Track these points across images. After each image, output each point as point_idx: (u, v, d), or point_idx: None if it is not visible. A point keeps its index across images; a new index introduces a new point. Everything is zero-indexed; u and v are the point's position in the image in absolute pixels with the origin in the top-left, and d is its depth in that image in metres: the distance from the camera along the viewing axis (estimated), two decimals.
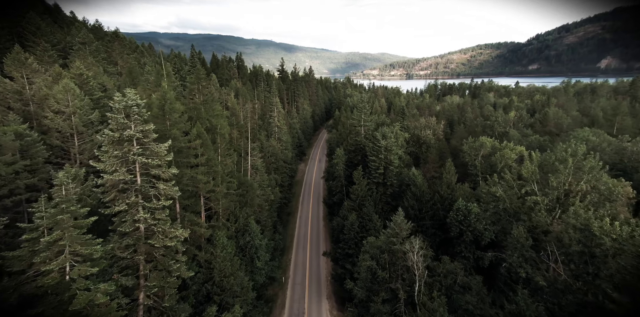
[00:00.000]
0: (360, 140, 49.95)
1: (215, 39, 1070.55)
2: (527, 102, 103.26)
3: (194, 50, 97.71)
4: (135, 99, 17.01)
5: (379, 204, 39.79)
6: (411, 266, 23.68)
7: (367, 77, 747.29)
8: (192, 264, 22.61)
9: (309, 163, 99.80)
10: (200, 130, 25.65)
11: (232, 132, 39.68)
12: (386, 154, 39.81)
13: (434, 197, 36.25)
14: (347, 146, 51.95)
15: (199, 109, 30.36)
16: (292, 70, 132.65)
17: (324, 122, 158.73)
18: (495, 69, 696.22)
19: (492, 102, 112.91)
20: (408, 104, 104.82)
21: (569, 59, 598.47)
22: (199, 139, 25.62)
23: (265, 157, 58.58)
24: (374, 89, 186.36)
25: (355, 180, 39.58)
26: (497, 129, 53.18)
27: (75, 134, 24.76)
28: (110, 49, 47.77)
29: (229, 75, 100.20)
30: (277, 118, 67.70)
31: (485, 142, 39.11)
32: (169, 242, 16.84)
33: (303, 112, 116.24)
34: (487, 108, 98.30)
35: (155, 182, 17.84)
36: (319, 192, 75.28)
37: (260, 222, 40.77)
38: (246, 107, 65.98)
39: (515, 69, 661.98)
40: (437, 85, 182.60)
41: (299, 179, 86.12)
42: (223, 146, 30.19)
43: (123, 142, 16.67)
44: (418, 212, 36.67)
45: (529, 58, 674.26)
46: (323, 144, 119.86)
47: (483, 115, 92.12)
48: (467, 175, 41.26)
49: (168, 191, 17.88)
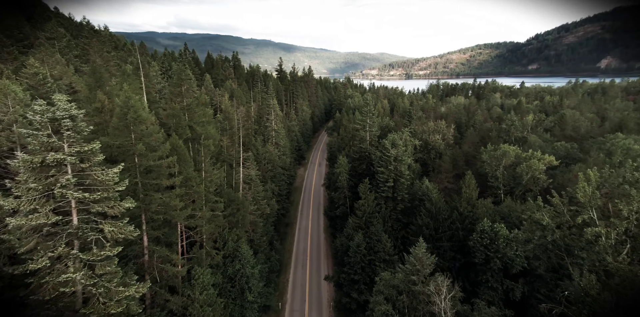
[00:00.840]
0: (366, 147, 45.15)
1: (214, 38, 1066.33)
2: (537, 104, 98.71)
3: (186, 49, 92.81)
4: (68, 108, 12.14)
5: (389, 222, 35.00)
6: (437, 312, 18.93)
7: (366, 77, 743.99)
8: (161, 315, 17.77)
9: (309, 167, 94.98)
10: (176, 143, 20.79)
11: (223, 139, 34.85)
12: (396, 164, 35.03)
13: (452, 215, 31.55)
14: (351, 153, 47.15)
15: (179, 115, 25.51)
16: (290, 70, 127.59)
17: (323, 124, 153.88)
18: (494, 69, 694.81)
19: (499, 104, 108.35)
20: (412, 105, 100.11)
21: (568, 59, 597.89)
22: (175, 153, 20.77)
23: (261, 164, 53.75)
24: (375, 89, 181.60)
25: (362, 194, 34.82)
26: (514, 134, 48.45)
27: (19, 148, 19.88)
28: (88, 46, 42.80)
29: (224, 75, 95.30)
30: (274, 121, 62.91)
31: (508, 151, 34.35)
32: (114, 309, 11.96)
33: (302, 114, 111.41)
34: (495, 110, 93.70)
35: (100, 221, 12.97)
36: (319, 201, 70.45)
37: (253, 241, 35.89)
38: (240, 110, 61.14)
39: (514, 69, 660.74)
40: (439, 85, 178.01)
41: (298, 185, 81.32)
42: (208, 160, 25.30)
43: (47, 169, 11.79)
44: (434, 231, 31.95)
45: (528, 58, 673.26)
46: (323, 147, 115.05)
47: (492, 117, 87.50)
48: (487, 187, 36.60)
49: (118, 232, 13.00)
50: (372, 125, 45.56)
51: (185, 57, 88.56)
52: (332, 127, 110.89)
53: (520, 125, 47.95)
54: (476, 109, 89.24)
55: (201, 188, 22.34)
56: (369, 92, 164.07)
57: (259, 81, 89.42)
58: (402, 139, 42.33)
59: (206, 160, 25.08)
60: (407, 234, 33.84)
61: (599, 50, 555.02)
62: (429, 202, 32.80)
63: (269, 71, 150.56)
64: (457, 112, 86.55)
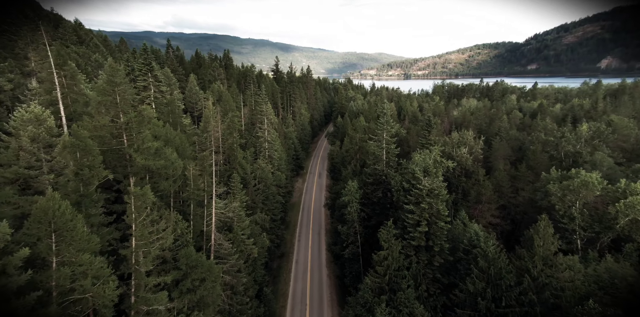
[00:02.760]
0: (382, 170, 34.80)
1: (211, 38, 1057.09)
2: (561, 107, 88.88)
3: (169, 46, 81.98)
4: None
5: (422, 283, 24.76)
6: None
7: (365, 77, 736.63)
8: None
9: (308, 178, 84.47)
10: (49, 208, 10.52)
11: (189, 167, 24.46)
12: (431, 201, 24.89)
13: (523, 282, 21.54)
14: (364, 177, 36.81)
15: (87, 148, 15.07)
16: (287, 70, 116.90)
17: (323, 127, 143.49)
18: (493, 69, 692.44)
19: (516, 106, 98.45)
20: (422, 109, 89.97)
21: (568, 59, 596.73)
22: (43, 231, 10.44)
23: (249, 186, 43.34)
24: (377, 90, 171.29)
25: (383, 242, 24.70)
26: (565, 148, 38.40)
27: None
28: (17, 37, 32.37)
29: (213, 76, 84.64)
30: (267, 131, 52.57)
31: (591, 181, 24.19)
32: None
33: (300, 118, 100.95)
34: (515, 114, 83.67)
35: None
36: (321, 223, 60.04)
37: (231, 313, 25.48)
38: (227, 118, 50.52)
39: (514, 69, 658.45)
40: (444, 85, 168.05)
41: (295, 200, 70.88)
42: (144, 218, 14.92)
43: None
44: (493, 304, 21.94)
45: (527, 58, 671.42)
46: (323, 154, 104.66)
47: (516, 124, 77.61)
48: (555, 230, 26.54)
49: None
50: (390, 141, 35.18)
51: (169, 55, 77.85)
52: (333, 134, 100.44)
53: (575, 138, 37.92)
54: (496, 113, 79.20)
55: (110, 286, 12.02)
56: (372, 94, 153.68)
57: (252, 83, 78.91)
58: (430, 158, 32.08)
59: (138, 220, 14.69)
60: (449, 302, 23.66)
61: (598, 50, 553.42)
62: (483, 257, 22.72)
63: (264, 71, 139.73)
64: (476, 117, 76.29)
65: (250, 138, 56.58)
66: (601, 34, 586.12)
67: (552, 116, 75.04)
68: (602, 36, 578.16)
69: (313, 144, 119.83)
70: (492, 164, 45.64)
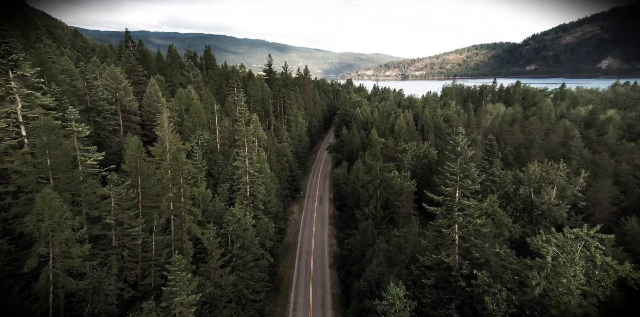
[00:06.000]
0: (454, 267, 17.52)
1: (207, 38, 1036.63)
2: (620, 115, 73.19)
3: (129, 39, 64.37)
4: None
5: None
6: None
7: (362, 77, 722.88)
8: None
9: (306, 205, 66.84)
10: None
11: None
12: None
13: None
14: (414, 269, 19.80)
15: None
16: (282, 70, 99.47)
17: (322, 134, 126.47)
18: (492, 69, 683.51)
19: (555, 112, 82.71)
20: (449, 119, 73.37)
21: (567, 60, 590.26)
22: None
23: (212, 261, 26.29)
24: (381, 92, 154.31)
25: None
26: None
27: None
28: None
29: (186, 78, 67.40)
30: (248, 159, 35.48)
31: None
32: None
33: (296, 128, 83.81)
34: (562, 124, 67.55)
35: None
36: (325, 286, 42.39)
37: None
38: (192, 140, 33.32)
39: (512, 70, 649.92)
40: (454, 87, 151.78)
41: (290, 240, 53.37)
42: None
43: None
44: None
45: (526, 58, 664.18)
46: (323, 169, 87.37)
47: (566, 136, 61.56)
48: None
49: None
50: (474, 210, 17.39)
51: (123, 50, 60.35)
52: (337, 148, 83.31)
53: None
54: (540, 123, 62.76)
55: None
56: (376, 97, 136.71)
57: (235, 87, 61.81)
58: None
59: None
60: None
61: (598, 50, 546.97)
62: None
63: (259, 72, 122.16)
64: (520, 128, 59.63)
65: (225, 167, 39.49)
66: (600, 34, 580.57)
67: (616, 127, 59.38)
68: (602, 36, 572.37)
69: (312, 155, 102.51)
70: (595, 216, 29.14)
